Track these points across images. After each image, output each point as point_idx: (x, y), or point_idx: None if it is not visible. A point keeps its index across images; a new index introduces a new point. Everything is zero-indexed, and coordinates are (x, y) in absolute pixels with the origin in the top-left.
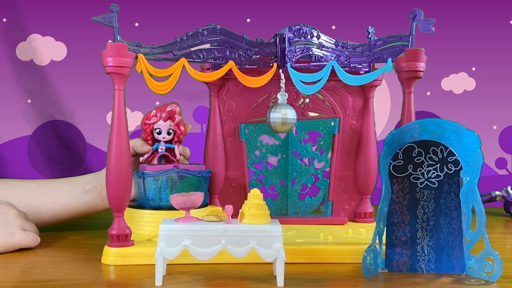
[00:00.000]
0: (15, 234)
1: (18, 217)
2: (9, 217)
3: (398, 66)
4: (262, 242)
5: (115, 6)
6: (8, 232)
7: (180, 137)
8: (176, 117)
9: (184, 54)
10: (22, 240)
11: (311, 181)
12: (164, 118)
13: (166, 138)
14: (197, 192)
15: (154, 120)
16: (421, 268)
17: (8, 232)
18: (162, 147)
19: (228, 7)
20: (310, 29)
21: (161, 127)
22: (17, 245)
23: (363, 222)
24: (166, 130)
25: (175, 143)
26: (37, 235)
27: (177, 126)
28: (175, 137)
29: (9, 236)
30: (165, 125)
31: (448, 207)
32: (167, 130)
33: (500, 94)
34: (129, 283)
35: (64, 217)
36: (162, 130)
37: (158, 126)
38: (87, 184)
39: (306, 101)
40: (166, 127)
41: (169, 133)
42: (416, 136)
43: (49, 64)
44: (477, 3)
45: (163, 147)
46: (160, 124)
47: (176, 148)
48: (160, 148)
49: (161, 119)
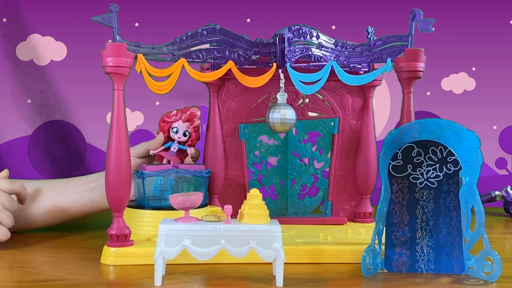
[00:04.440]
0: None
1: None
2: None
3: (398, 66)
4: (261, 242)
5: (114, 6)
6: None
7: (193, 142)
8: (195, 121)
9: (184, 54)
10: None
11: (311, 181)
12: (184, 119)
13: (181, 139)
14: (196, 192)
15: (174, 119)
16: (421, 268)
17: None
18: (175, 146)
19: (228, 7)
20: (310, 29)
21: (179, 127)
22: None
23: (363, 222)
24: (183, 131)
25: (188, 145)
26: (8, 230)
27: (194, 130)
28: (189, 140)
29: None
30: (183, 126)
31: (448, 207)
32: (184, 131)
33: (500, 94)
34: (128, 283)
35: (69, 215)
36: (179, 130)
37: (177, 125)
38: (92, 182)
39: (306, 101)
40: (184, 128)
41: (185, 134)
42: (415, 136)
43: (49, 64)
44: (477, 3)
45: (176, 147)
46: (179, 124)
47: (188, 150)
48: (173, 147)
49: (180, 119)
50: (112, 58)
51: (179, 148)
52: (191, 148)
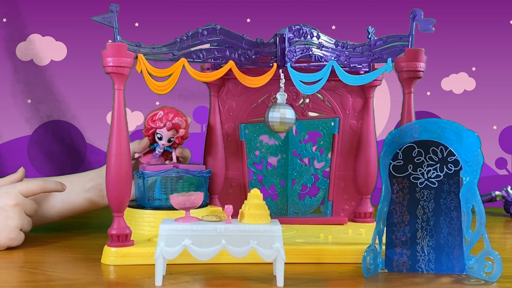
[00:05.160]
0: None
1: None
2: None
3: (398, 66)
4: (262, 242)
5: (115, 6)
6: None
7: (180, 143)
8: (180, 131)
9: (184, 54)
10: (8, 243)
11: (311, 181)
12: (168, 128)
13: (165, 145)
14: (197, 192)
15: (158, 125)
16: (421, 268)
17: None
18: (160, 149)
19: (228, 7)
20: (310, 29)
21: (163, 134)
22: (3, 247)
23: (363, 222)
24: (167, 138)
25: (173, 148)
26: (23, 235)
27: (179, 138)
28: (174, 144)
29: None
30: (168, 133)
31: (448, 207)
32: (168, 138)
33: (500, 94)
34: (129, 283)
35: (65, 214)
36: (163, 137)
37: (161, 132)
38: (88, 182)
39: (306, 101)
40: (168, 135)
41: (170, 141)
42: (416, 136)
43: (49, 64)
44: (477, 3)
45: (161, 150)
46: (163, 132)
47: (173, 153)
48: (158, 150)
49: (165, 127)
50: (112, 58)
51: (165, 150)
52: (176, 150)
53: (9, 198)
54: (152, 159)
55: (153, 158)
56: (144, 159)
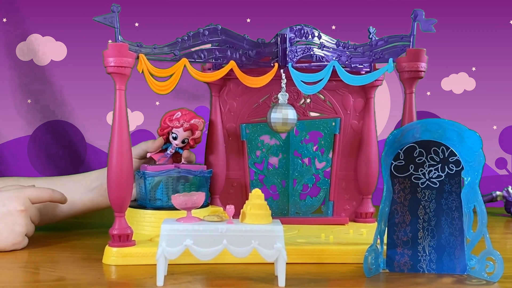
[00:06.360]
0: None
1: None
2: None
3: (400, 66)
4: (263, 242)
5: (116, 6)
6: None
7: (192, 146)
8: (196, 132)
9: (185, 54)
10: (13, 247)
11: (312, 181)
12: (185, 129)
13: (179, 145)
14: (198, 192)
15: (175, 124)
16: (422, 268)
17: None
18: (172, 150)
19: (228, 7)
20: (311, 29)
21: (179, 134)
22: (8, 249)
23: (364, 222)
24: (182, 139)
25: (184, 149)
26: (27, 240)
27: (194, 140)
28: (187, 145)
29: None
30: (183, 134)
31: (450, 207)
32: (183, 139)
33: (500, 94)
34: (130, 283)
35: (68, 213)
36: (178, 137)
37: (176, 132)
38: (92, 182)
39: (307, 101)
40: (184, 136)
41: (184, 142)
42: (417, 136)
43: (49, 64)
44: (477, 3)
45: (173, 150)
46: (179, 132)
47: (183, 153)
48: (170, 150)
49: (182, 127)
50: (114, 58)
51: (176, 151)
52: (185, 151)
53: (18, 203)
54: (162, 157)
55: (164, 157)
56: (156, 156)
